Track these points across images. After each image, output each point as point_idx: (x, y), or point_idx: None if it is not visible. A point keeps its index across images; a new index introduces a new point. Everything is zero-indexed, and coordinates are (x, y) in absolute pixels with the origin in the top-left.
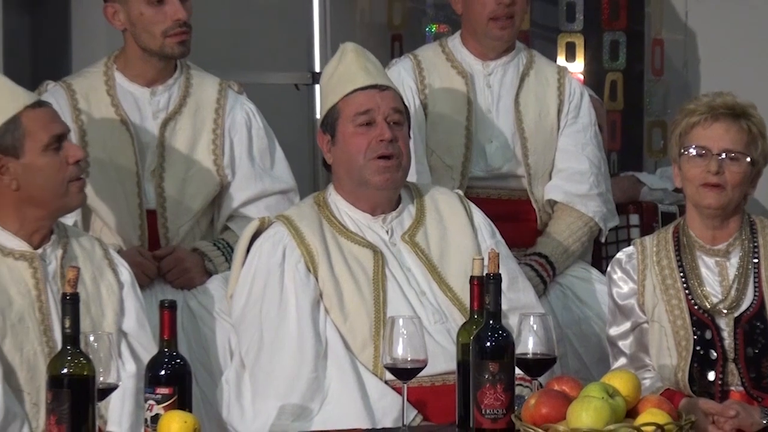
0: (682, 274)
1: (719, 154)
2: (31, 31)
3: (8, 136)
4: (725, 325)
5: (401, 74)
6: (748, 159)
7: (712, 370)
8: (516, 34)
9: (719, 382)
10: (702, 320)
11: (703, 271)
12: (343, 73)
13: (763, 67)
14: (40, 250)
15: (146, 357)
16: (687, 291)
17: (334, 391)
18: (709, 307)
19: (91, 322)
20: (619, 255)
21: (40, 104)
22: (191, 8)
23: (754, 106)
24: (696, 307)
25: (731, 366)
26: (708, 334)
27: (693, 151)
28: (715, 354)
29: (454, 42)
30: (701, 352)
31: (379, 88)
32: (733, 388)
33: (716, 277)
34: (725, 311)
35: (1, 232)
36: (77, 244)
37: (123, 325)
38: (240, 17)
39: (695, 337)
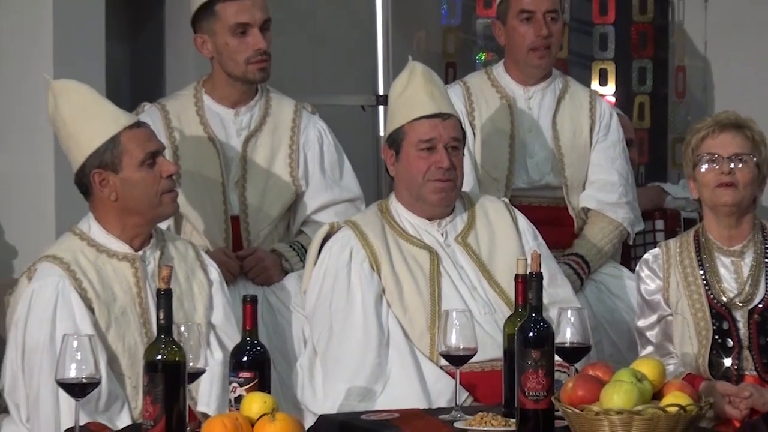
0: (702, 272)
1: (729, 158)
2: (130, 58)
3: (108, 154)
4: (740, 317)
5: (453, 100)
6: (755, 159)
7: (729, 356)
8: (552, 62)
9: (735, 368)
10: (720, 313)
11: (721, 269)
12: (411, 97)
13: None
14: (140, 252)
15: (231, 346)
16: (706, 287)
17: (395, 375)
18: (726, 301)
19: (184, 315)
20: (647, 255)
21: (138, 125)
22: (270, 39)
23: (753, 120)
24: (714, 301)
25: (746, 353)
26: (725, 325)
27: (705, 158)
28: (731, 342)
29: (498, 70)
30: (719, 341)
31: (442, 117)
32: (747, 372)
33: (732, 274)
34: (740, 304)
35: (106, 236)
36: (173, 247)
37: (212, 318)
38: (314, 47)
39: (714, 327)
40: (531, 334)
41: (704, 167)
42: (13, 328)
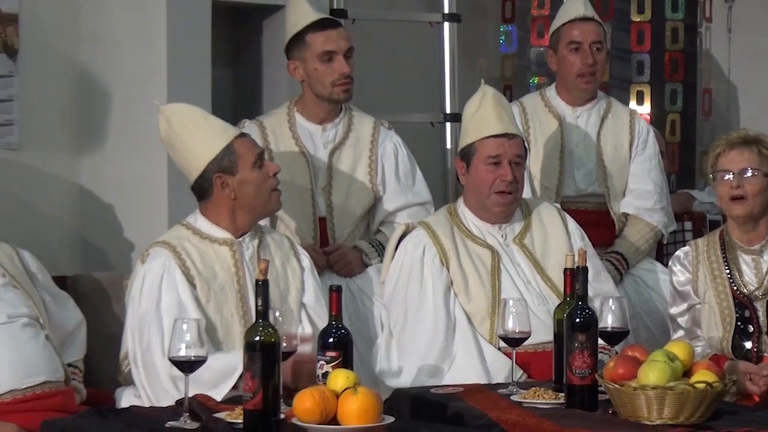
0: (726, 266)
1: (738, 172)
2: (232, 81)
3: (226, 159)
4: (760, 306)
5: None
6: (764, 173)
7: (749, 340)
8: (597, 86)
9: (755, 350)
10: (742, 302)
11: (743, 265)
12: (482, 118)
13: None
14: (240, 239)
15: (321, 324)
16: (730, 280)
17: (460, 355)
18: (747, 292)
19: (280, 295)
20: (678, 252)
21: (243, 135)
22: (353, 65)
23: (764, 134)
24: (737, 292)
25: (764, 337)
26: (746, 313)
27: (719, 174)
28: (752, 328)
29: (551, 92)
30: (741, 327)
31: (508, 136)
32: (766, 354)
33: (752, 270)
34: (760, 296)
35: (210, 226)
36: (270, 237)
37: (303, 299)
38: (390, 72)
39: (737, 315)
40: (578, 320)
41: (719, 182)
42: (130, 304)
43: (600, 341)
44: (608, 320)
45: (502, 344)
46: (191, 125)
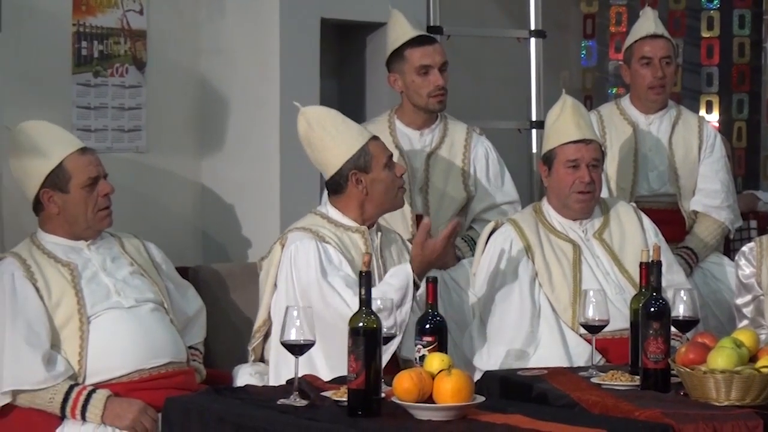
0: None
1: None
2: (338, 91)
3: (362, 159)
4: None
5: None
6: None
7: None
8: (667, 96)
9: None
10: None
11: None
12: (562, 125)
13: None
14: (369, 228)
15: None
16: None
17: (544, 340)
18: None
19: None
20: (744, 248)
21: (376, 138)
22: (448, 77)
23: None
24: None
25: None
26: None
27: None
28: None
29: (626, 101)
30: None
31: (585, 142)
32: None
33: None
34: None
35: (341, 215)
36: (387, 233)
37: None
38: (481, 83)
39: None
40: (652, 309)
41: None
42: (282, 282)
43: (672, 329)
44: (680, 309)
45: (583, 331)
46: (331, 126)
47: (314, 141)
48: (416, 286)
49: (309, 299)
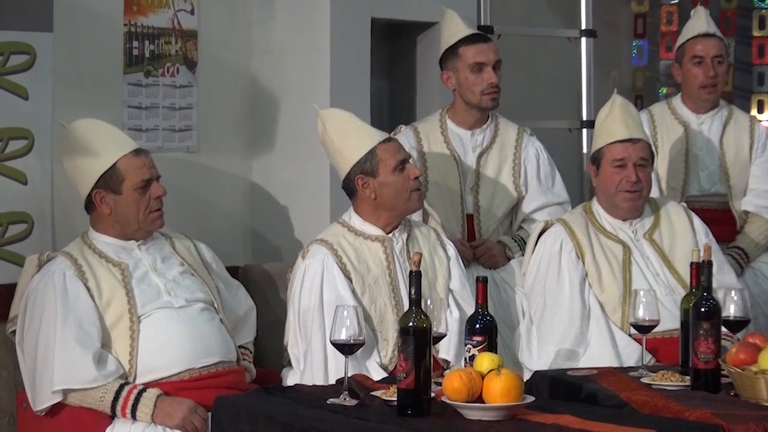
0: None
1: None
2: (389, 90)
3: (368, 163)
4: None
5: None
6: None
7: None
8: (719, 96)
9: None
10: None
11: None
12: (609, 125)
13: None
14: (390, 235)
15: (466, 307)
16: None
17: (594, 340)
18: None
19: (428, 283)
20: None
21: (389, 140)
22: (501, 76)
23: None
24: None
25: None
26: None
27: None
28: None
29: (677, 101)
30: None
31: (632, 141)
32: None
33: None
34: None
35: (363, 223)
36: (418, 231)
37: (450, 285)
38: (533, 82)
39: None
40: (703, 309)
41: None
42: (291, 297)
43: (723, 329)
44: (731, 310)
45: (633, 331)
46: (342, 129)
47: (327, 144)
48: None
49: (305, 322)
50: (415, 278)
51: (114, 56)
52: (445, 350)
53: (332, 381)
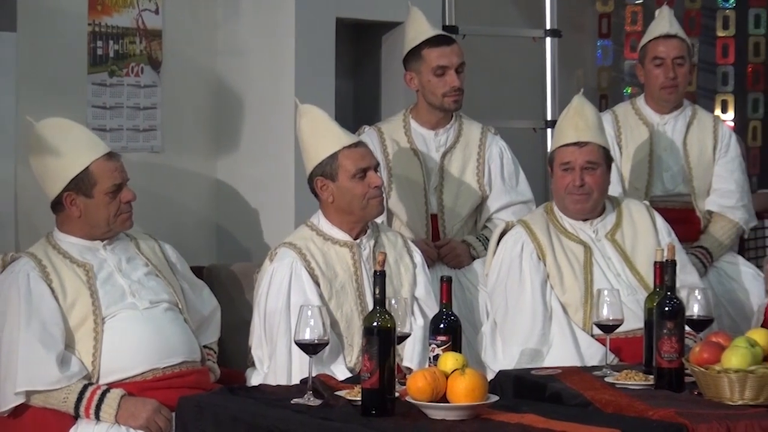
0: None
1: None
2: (353, 90)
3: (329, 166)
4: None
5: (605, 126)
6: None
7: None
8: (681, 97)
9: None
10: None
11: None
12: (561, 128)
13: None
14: (357, 240)
15: (431, 314)
16: None
17: (557, 342)
18: None
19: (393, 290)
20: None
21: (356, 145)
22: (464, 78)
23: None
24: None
25: None
26: None
27: None
28: None
29: (641, 101)
30: None
31: (579, 144)
32: None
33: None
34: None
35: (331, 227)
36: (385, 237)
37: (415, 293)
38: (497, 82)
39: None
40: (666, 309)
41: None
42: (257, 299)
43: (686, 328)
44: (694, 309)
45: (596, 331)
46: (313, 128)
47: (299, 140)
48: None
49: (271, 325)
50: (380, 278)
51: (78, 56)
52: (409, 357)
53: (295, 383)
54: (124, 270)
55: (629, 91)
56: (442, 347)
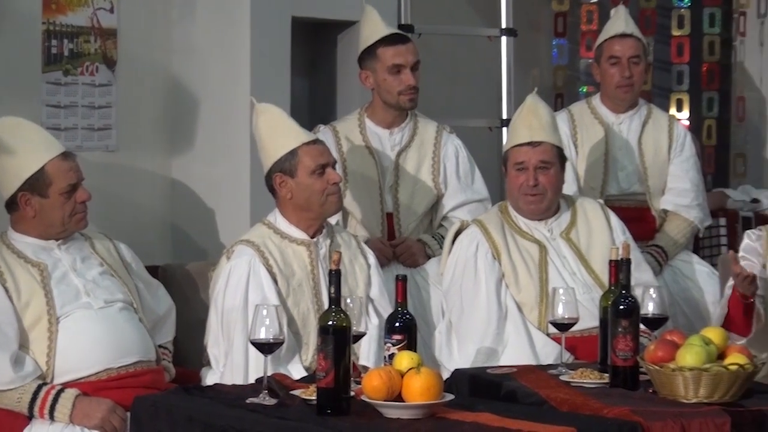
0: None
1: None
2: (309, 89)
3: (288, 163)
4: None
5: (560, 125)
6: None
7: None
8: (636, 96)
9: None
10: None
11: None
12: (515, 128)
13: None
14: (314, 239)
15: (385, 314)
16: None
17: (512, 341)
18: None
19: (349, 290)
20: (750, 233)
21: (314, 142)
22: (419, 76)
23: None
24: None
25: None
26: None
27: None
28: None
29: (596, 100)
30: None
31: (533, 144)
32: None
33: None
34: None
35: (288, 226)
36: (340, 237)
37: (370, 293)
38: (452, 81)
39: None
40: (621, 307)
41: None
42: (214, 297)
43: (641, 326)
44: (649, 307)
45: (551, 330)
46: (271, 125)
47: (257, 138)
48: None
49: (229, 322)
50: (335, 277)
51: (32, 55)
52: (365, 356)
53: (252, 382)
54: (79, 269)
55: (585, 90)
56: (398, 346)
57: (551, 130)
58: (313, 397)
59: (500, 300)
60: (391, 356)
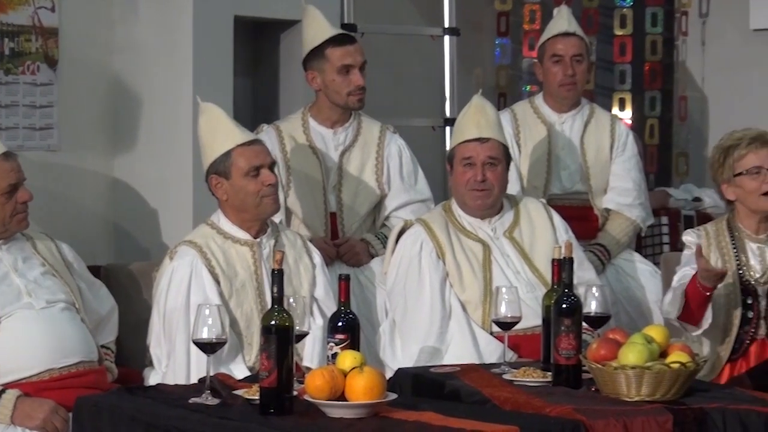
0: (735, 251)
1: None
2: (252, 89)
3: (222, 164)
4: (762, 293)
5: (503, 124)
6: None
7: (748, 324)
8: (579, 95)
9: (750, 332)
10: (746, 288)
11: (749, 252)
12: (462, 125)
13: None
14: (258, 239)
15: (329, 314)
16: (738, 266)
17: (456, 340)
18: (752, 278)
19: (293, 289)
20: (693, 231)
21: (251, 143)
22: (366, 76)
23: None
24: (743, 278)
25: (761, 322)
26: (749, 299)
27: (750, 171)
28: (751, 314)
29: (539, 100)
30: (743, 312)
31: (481, 140)
32: (758, 338)
33: (758, 257)
34: (762, 282)
35: (231, 226)
36: (285, 237)
37: (315, 293)
38: (395, 81)
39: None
40: (564, 306)
41: (746, 179)
42: (156, 297)
43: (584, 325)
44: (592, 306)
45: (494, 329)
46: (211, 126)
47: (199, 138)
48: None
49: (171, 322)
50: (277, 276)
51: None
52: (309, 357)
53: (195, 382)
54: (20, 270)
55: (528, 89)
56: (341, 345)
57: (498, 128)
58: (256, 397)
59: (444, 299)
60: (334, 356)
